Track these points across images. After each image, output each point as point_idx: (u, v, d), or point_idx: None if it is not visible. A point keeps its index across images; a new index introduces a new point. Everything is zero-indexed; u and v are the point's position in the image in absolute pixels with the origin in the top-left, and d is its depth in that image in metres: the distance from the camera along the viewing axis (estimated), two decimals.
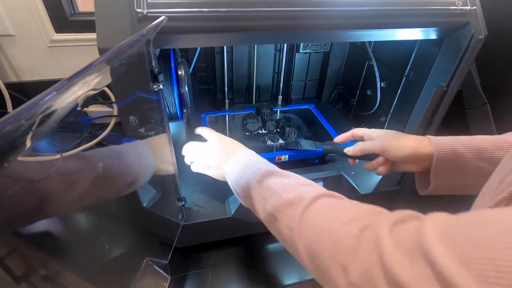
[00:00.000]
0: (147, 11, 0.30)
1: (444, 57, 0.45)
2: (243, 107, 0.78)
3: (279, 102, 0.85)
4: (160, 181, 0.50)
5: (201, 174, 0.63)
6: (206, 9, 0.32)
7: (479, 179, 0.39)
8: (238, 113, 0.76)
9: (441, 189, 0.42)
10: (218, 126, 0.72)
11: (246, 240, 0.55)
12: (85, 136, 0.71)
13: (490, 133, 0.74)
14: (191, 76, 0.76)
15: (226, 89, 0.78)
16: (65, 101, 0.22)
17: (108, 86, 0.34)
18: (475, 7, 0.39)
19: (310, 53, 0.80)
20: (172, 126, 0.51)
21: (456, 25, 0.41)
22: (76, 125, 0.72)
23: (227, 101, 0.80)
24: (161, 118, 0.36)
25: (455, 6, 0.39)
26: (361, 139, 0.47)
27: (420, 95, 0.52)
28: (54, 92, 0.20)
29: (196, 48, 0.70)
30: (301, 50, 0.77)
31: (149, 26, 0.27)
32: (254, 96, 0.83)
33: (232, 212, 0.51)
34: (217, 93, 0.80)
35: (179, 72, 0.52)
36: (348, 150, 0.46)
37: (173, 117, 0.52)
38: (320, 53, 0.81)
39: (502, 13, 0.66)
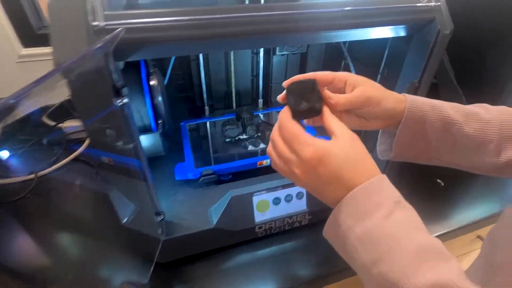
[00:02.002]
0: (105, 23, 0.29)
1: (414, 53, 0.45)
2: (223, 113, 0.77)
3: (260, 105, 0.84)
4: (136, 195, 0.49)
5: (181, 184, 0.62)
6: (168, 19, 0.31)
7: (441, 152, 0.38)
8: (218, 119, 0.75)
9: (403, 155, 0.39)
10: (199, 134, 0.71)
11: (230, 250, 0.54)
12: (60, 153, 0.68)
13: None
14: (168, 85, 0.75)
15: (205, 95, 0.77)
16: (23, 112, 0.22)
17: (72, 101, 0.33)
18: (439, 3, 0.40)
19: (287, 55, 0.80)
20: (147, 138, 0.50)
21: (422, 21, 0.41)
22: (51, 142, 0.70)
23: (207, 107, 0.79)
24: (130, 132, 0.35)
25: (420, 3, 0.40)
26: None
27: (395, 91, 0.52)
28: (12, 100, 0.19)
29: (170, 57, 0.69)
30: (277, 53, 0.77)
31: (103, 40, 0.26)
32: (234, 101, 0.82)
33: (215, 222, 0.49)
34: (196, 100, 0.79)
35: (152, 83, 0.51)
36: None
37: (147, 129, 0.51)
38: (297, 55, 0.81)
39: (471, 5, 0.68)
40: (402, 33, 0.44)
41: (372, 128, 0.37)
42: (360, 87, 0.35)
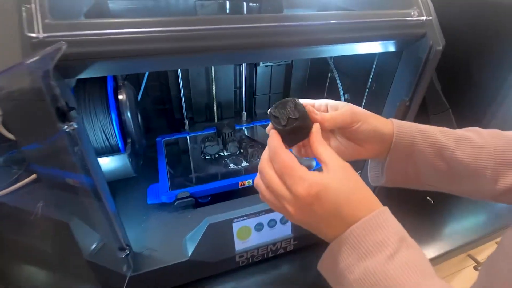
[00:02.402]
0: (44, 35, 0.24)
1: (404, 69, 0.42)
2: (204, 127, 0.73)
3: (244, 118, 0.80)
4: (100, 225, 0.43)
5: (154, 208, 0.56)
6: (126, 30, 0.26)
7: (433, 178, 0.36)
8: (198, 134, 0.70)
9: (395, 181, 0.37)
10: (176, 151, 0.65)
11: (207, 282, 0.49)
12: (20, 173, 0.61)
13: None
14: (143, 96, 0.70)
15: (184, 108, 0.72)
16: None
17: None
18: (431, 17, 0.37)
19: (271, 66, 0.76)
20: (113, 160, 0.45)
21: (413, 36, 0.38)
22: (8, 160, 0.63)
23: (186, 121, 0.74)
24: (83, 161, 0.30)
25: (411, 17, 0.37)
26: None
27: (384, 108, 0.49)
28: None
29: None
30: (261, 64, 0.73)
31: (38, 55, 0.21)
32: (216, 113, 0.77)
33: (190, 253, 0.44)
34: (174, 113, 0.74)
35: (120, 97, 0.46)
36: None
37: (114, 150, 0.45)
38: (282, 66, 0.78)
39: (456, 19, 0.67)
40: (391, 48, 0.41)
41: (365, 155, 0.34)
42: (345, 106, 0.33)
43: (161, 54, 0.28)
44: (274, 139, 0.28)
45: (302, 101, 0.34)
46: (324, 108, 0.34)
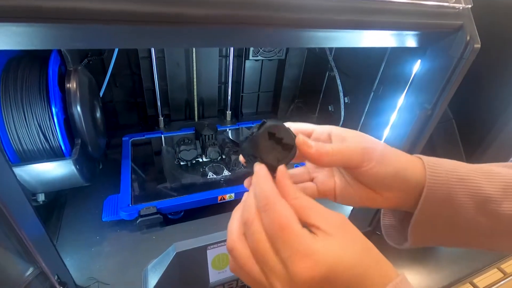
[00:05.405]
0: None
1: (427, 71, 0.35)
2: (181, 126, 0.63)
3: (228, 118, 0.71)
4: (31, 252, 0.33)
5: (111, 226, 0.42)
6: None
7: (472, 236, 0.27)
8: (174, 134, 0.60)
9: (423, 241, 0.28)
10: (145, 154, 0.55)
11: None
12: None
13: (455, 148, 0.66)
14: (111, 86, 0.59)
15: (159, 103, 0.62)
16: None
17: None
18: (469, 6, 0.29)
19: (262, 60, 0.68)
20: (54, 167, 0.34)
21: (445, 28, 0.30)
22: None
23: (161, 118, 0.64)
24: None
25: (446, 2, 0.29)
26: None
27: (395, 118, 0.41)
28: None
29: (113, 49, 0.53)
30: (251, 57, 0.64)
31: None
32: (196, 111, 0.68)
33: (151, 287, 0.35)
34: (148, 108, 0.64)
35: (67, 85, 0.36)
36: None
37: (56, 154, 0.35)
38: (275, 61, 0.69)
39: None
40: (412, 42, 0.33)
41: (381, 204, 0.25)
42: (354, 138, 0.24)
43: (99, 20, 0.18)
44: (262, 176, 0.20)
45: (297, 124, 0.25)
46: (325, 137, 0.25)
